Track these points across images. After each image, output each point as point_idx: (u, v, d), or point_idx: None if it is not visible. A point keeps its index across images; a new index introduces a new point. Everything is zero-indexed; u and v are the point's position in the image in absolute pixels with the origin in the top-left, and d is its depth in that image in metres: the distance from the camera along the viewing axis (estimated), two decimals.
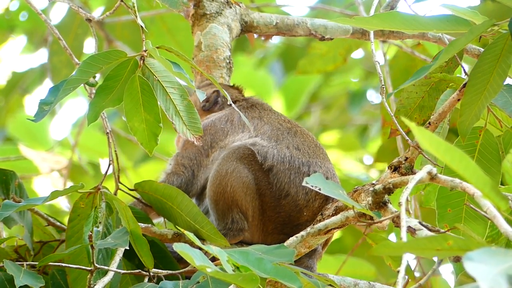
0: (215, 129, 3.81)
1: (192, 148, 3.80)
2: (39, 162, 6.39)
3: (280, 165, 3.60)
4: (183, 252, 2.61)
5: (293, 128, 3.75)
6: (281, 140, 3.67)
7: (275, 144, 3.65)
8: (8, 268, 3.15)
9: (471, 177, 2.47)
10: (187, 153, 3.81)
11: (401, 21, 3.18)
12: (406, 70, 5.33)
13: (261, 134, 3.71)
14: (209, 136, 3.79)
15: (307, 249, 3.43)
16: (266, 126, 3.74)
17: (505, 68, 3.11)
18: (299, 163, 3.61)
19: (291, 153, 3.63)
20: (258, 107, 3.88)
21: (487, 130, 3.43)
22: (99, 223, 3.30)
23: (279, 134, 3.70)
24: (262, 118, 3.79)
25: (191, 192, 3.76)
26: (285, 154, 3.62)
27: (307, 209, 3.59)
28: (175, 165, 3.81)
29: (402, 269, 2.51)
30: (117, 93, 3.33)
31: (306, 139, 3.72)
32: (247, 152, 3.61)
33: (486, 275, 2.08)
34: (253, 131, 3.73)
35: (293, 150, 3.64)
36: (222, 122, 3.83)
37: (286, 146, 3.65)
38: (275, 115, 3.83)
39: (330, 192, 3.01)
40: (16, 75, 7.48)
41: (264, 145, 3.64)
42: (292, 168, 3.59)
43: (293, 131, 3.73)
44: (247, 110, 3.85)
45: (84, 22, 6.23)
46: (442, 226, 3.38)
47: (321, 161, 3.66)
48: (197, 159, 3.77)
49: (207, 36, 4.22)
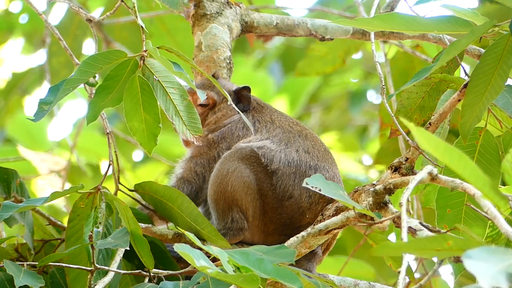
0: (232, 136, 3.77)
1: (206, 154, 3.76)
2: (38, 163, 6.39)
3: (286, 169, 3.58)
4: (183, 252, 2.61)
5: (303, 131, 3.74)
6: (291, 143, 3.66)
7: (284, 148, 3.63)
8: (8, 268, 3.15)
9: (470, 177, 2.48)
10: (201, 160, 3.76)
11: (402, 22, 3.19)
12: (405, 71, 5.33)
13: (272, 137, 3.69)
14: (225, 143, 3.77)
15: (307, 249, 3.43)
16: (278, 129, 3.72)
17: (506, 69, 3.12)
18: (306, 167, 3.60)
19: (300, 157, 3.62)
20: (268, 110, 3.86)
21: (487, 130, 3.43)
22: (99, 224, 3.29)
23: (290, 137, 3.68)
24: (274, 122, 3.77)
25: (201, 198, 3.73)
26: (293, 157, 3.61)
27: (310, 211, 3.58)
28: (187, 171, 3.75)
29: (403, 270, 2.51)
30: (117, 93, 3.33)
31: (316, 143, 3.71)
32: (250, 153, 3.60)
33: (486, 273, 2.09)
34: (254, 133, 3.72)
35: (302, 153, 3.63)
36: (239, 128, 3.79)
37: (296, 149, 3.64)
38: (284, 117, 3.82)
39: (331, 192, 3.01)
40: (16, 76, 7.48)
41: (272, 149, 3.62)
42: (298, 171, 3.58)
43: (303, 134, 3.72)
44: (260, 114, 3.83)
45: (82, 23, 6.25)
46: (441, 227, 3.38)
47: (329, 165, 3.65)
48: (210, 165, 3.72)
49: (208, 36, 4.22)
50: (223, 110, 3.87)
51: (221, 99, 3.87)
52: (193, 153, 3.80)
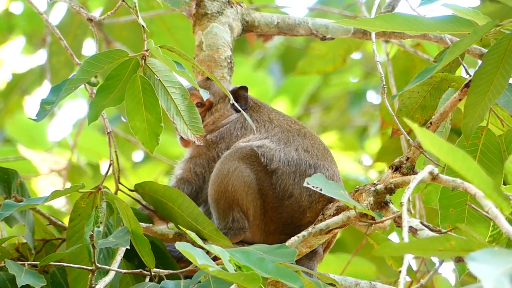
0: (231, 136, 3.77)
1: (206, 155, 3.76)
2: (38, 163, 6.38)
3: (286, 168, 3.58)
4: (185, 251, 2.61)
5: (302, 130, 3.74)
6: (291, 142, 3.66)
7: (284, 147, 3.63)
8: (10, 267, 3.15)
9: (473, 177, 2.47)
10: (200, 160, 3.76)
11: (403, 22, 3.18)
12: (406, 69, 5.33)
13: (271, 136, 3.69)
14: (224, 143, 3.77)
15: (308, 249, 3.42)
16: (277, 129, 3.72)
17: (509, 69, 3.11)
18: (306, 166, 3.60)
19: (299, 156, 3.62)
20: (266, 109, 3.86)
21: (489, 129, 3.43)
22: (100, 223, 3.29)
23: (289, 136, 3.69)
24: (272, 121, 3.77)
25: (201, 198, 3.72)
26: (293, 156, 3.61)
27: (310, 210, 3.58)
28: (187, 171, 3.75)
29: (404, 270, 2.51)
30: (118, 93, 3.33)
31: (315, 141, 3.71)
32: (250, 152, 3.60)
33: (489, 275, 2.08)
34: (255, 132, 3.72)
35: (301, 152, 3.63)
36: (237, 128, 3.79)
37: (295, 148, 3.64)
38: (282, 116, 3.82)
39: (331, 192, 3.01)
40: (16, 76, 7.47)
41: (271, 148, 3.62)
42: (297, 170, 3.58)
43: (302, 133, 3.72)
44: (257, 113, 3.82)
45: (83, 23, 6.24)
46: (444, 226, 3.38)
47: (328, 164, 3.65)
48: (209, 166, 3.72)
49: (208, 35, 4.21)
50: (220, 111, 3.87)
51: (218, 100, 3.87)
52: (192, 154, 3.79)
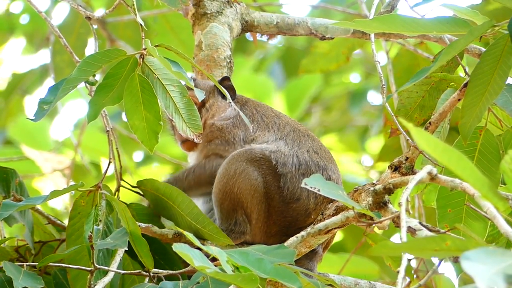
0: (245, 126, 3.71)
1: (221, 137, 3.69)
2: (42, 162, 6.39)
3: (296, 171, 3.55)
4: (182, 252, 2.60)
5: (306, 131, 3.72)
6: (303, 143, 3.62)
7: (297, 149, 3.59)
8: (7, 269, 3.14)
9: (469, 178, 2.47)
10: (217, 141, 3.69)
11: (401, 24, 3.17)
12: (409, 68, 5.32)
13: (285, 136, 3.65)
14: (241, 132, 3.71)
15: (307, 249, 3.42)
16: (288, 127, 3.69)
17: (506, 69, 3.10)
18: (316, 168, 3.56)
19: (311, 157, 3.58)
20: (264, 106, 3.84)
21: (487, 129, 3.42)
22: (99, 221, 3.29)
23: (300, 137, 3.65)
24: (280, 117, 3.75)
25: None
26: (305, 158, 3.57)
27: (315, 212, 3.55)
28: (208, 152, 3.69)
29: (402, 270, 2.51)
30: (117, 91, 3.33)
31: (320, 143, 3.69)
32: (259, 155, 3.55)
33: (483, 274, 2.08)
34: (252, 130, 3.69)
35: (312, 154, 3.59)
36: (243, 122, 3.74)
37: (307, 150, 3.60)
38: (284, 115, 3.80)
39: (330, 193, 3.00)
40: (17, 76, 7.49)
41: (286, 154, 3.56)
42: (307, 173, 3.54)
43: (308, 134, 3.69)
44: (257, 108, 3.79)
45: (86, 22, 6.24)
46: (442, 226, 3.38)
47: (334, 166, 3.63)
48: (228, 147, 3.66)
49: (208, 35, 4.21)
50: (215, 104, 3.83)
51: (208, 95, 3.82)
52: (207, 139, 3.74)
